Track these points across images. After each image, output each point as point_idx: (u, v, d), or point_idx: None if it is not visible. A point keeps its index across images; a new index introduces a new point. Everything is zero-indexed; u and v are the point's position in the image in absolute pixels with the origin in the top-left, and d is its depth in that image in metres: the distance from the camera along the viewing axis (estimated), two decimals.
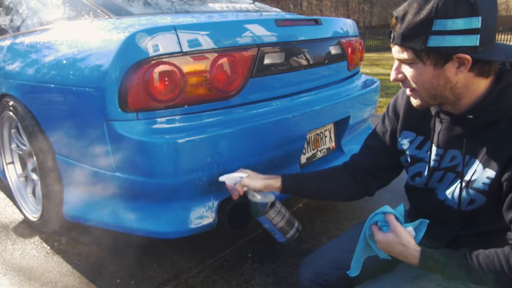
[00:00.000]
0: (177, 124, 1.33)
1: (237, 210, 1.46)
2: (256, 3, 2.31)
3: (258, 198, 1.23)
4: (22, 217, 2.04)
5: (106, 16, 1.56)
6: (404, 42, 0.88)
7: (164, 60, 1.27)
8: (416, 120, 1.09)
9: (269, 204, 1.24)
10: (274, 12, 2.15)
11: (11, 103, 1.75)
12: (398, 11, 0.89)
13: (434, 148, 1.05)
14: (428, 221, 0.96)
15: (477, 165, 0.93)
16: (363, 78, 2.26)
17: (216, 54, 1.36)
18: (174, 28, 1.29)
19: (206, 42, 1.34)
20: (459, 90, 0.90)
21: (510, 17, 31.17)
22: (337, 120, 1.86)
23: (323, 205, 2.14)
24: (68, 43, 1.51)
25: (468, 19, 0.80)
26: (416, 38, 0.85)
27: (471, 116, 0.91)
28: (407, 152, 1.13)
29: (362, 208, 2.10)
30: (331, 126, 1.88)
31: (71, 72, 1.41)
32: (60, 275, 1.61)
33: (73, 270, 1.64)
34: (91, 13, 1.62)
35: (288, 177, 1.24)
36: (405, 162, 1.15)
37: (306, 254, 1.35)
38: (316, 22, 1.78)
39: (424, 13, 0.83)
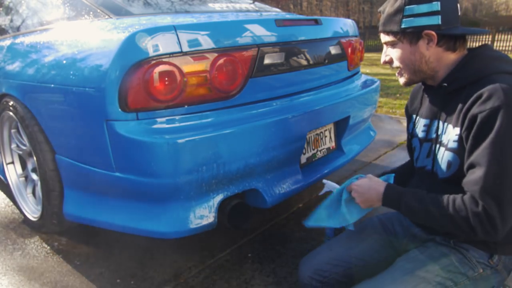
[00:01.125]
0: (177, 124, 1.33)
1: (237, 210, 1.46)
2: (256, 3, 2.31)
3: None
4: (22, 217, 2.04)
5: (106, 16, 1.56)
6: (385, 27, 1.13)
7: (164, 60, 1.27)
8: (416, 104, 1.26)
9: None
10: (274, 12, 2.15)
11: (11, 103, 1.75)
12: (382, 6, 1.16)
13: (421, 120, 1.20)
14: (394, 174, 1.25)
15: (450, 128, 1.06)
16: (363, 78, 2.26)
17: (216, 54, 1.36)
18: (174, 28, 1.29)
19: (206, 42, 1.34)
20: (433, 64, 1.10)
21: (510, 17, 31.17)
22: (337, 120, 1.86)
23: None
24: (68, 43, 1.51)
25: (429, 4, 1.04)
26: (393, 23, 1.11)
27: (445, 84, 1.08)
28: (413, 134, 1.25)
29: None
30: (331, 126, 1.88)
31: (71, 72, 1.41)
32: (60, 275, 1.61)
33: (73, 270, 1.64)
34: (91, 13, 1.62)
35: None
36: (413, 144, 1.25)
37: (306, 254, 1.35)
38: (316, 22, 1.78)
39: (397, 4, 1.09)
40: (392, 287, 1.06)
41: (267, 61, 1.51)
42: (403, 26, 1.08)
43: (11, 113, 1.78)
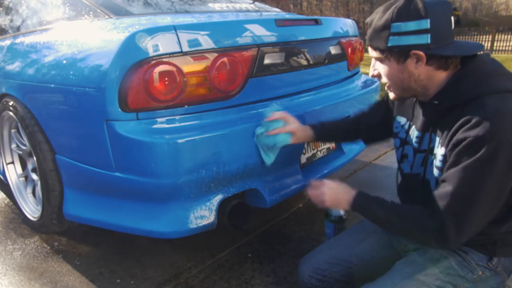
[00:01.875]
0: (177, 124, 1.33)
1: (237, 210, 1.46)
2: (256, 3, 2.31)
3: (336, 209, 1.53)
4: (22, 217, 2.04)
5: (106, 16, 1.56)
6: (372, 43, 1.06)
7: (164, 60, 1.27)
8: (407, 108, 1.23)
9: (340, 217, 1.53)
10: (274, 12, 2.15)
11: (11, 103, 1.75)
12: (368, 18, 1.09)
13: (415, 131, 1.17)
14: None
15: (439, 145, 1.06)
16: (363, 78, 2.26)
17: (216, 54, 1.36)
18: (174, 28, 1.29)
19: (206, 42, 1.34)
20: (423, 82, 1.04)
21: (510, 17, 31.16)
22: None
23: None
24: (68, 43, 1.51)
25: (418, 21, 0.97)
26: (379, 39, 1.03)
27: (436, 102, 1.05)
28: (399, 135, 1.25)
29: None
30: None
31: (71, 72, 1.41)
32: (60, 275, 1.61)
33: (73, 270, 1.64)
34: (91, 13, 1.62)
35: (315, 126, 1.47)
36: (396, 144, 1.26)
37: (306, 254, 1.35)
38: (316, 22, 1.78)
39: (384, 19, 1.01)
40: None
41: (267, 61, 1.51)
42: (389, 44, 1.01)
43: (11, 113, 1.78)
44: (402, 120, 1.26)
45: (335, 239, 1.39)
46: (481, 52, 1.04)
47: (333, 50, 1.87)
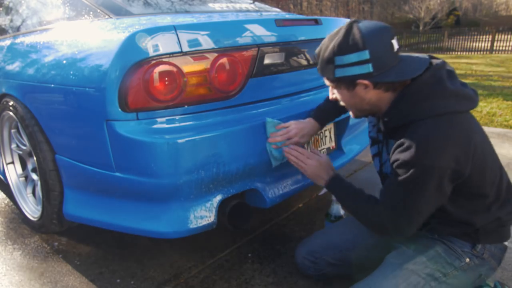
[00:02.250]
0: (177, 124, 1.33)
1: (237, 210, 1.46)
2: (256, 3, 2.31)
3: (336, 208, 1.62)
4: (22, 217, 2.04)
5: (106, 16, 1.56)
6: (322, 73, 1.16)
7: (164, 60, 1.27)
8: (375, 119, 1.33)
9: (340, 217, 1.58)
10: (274, 12, 2.15)
11: (11, 103, 1.75)
12: (317, 50, 1.17)
13: (380, 135, 1.30)
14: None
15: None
16: None
17: (216, 54, 1.36)
18: (174, 28, 1.29)
19: (206, 42, 1.34)
20: (375, 103, 1.13)
21: (510, 17, 31.16)
22: (337, 120, 1.86)
23: (323, 205, 2.14)
24: (68, 43, 1.51)
25: (357, 53, 1.04)
26: (327, 71, 1.12)
27: (386, 119, 1.14)
28: (370, 134, 1.36)
29: None
30: (331, 126, 1.88)
31: (71, 72, 1.41)
32: (60, 275, 1.61)
33: (73, 270, 1.64)
34: (91, 13, 1.62)
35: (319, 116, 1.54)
36: (369, 142, 1.38)
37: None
38: (316, 22, 1.78)
39: (328, 52, 1.10)
40: (385, 283, 1.11)
41: (267, 61, 1.51)
42: (336, 76, 1.09)
43: (11, 113, 1.78)
44: (372, 119, 1.35)
45: (331, 226, 1.50)
46: (435, 63, 1.11)
47: None
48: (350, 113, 1.24)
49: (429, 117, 1.03)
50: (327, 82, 1.19)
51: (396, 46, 1.07)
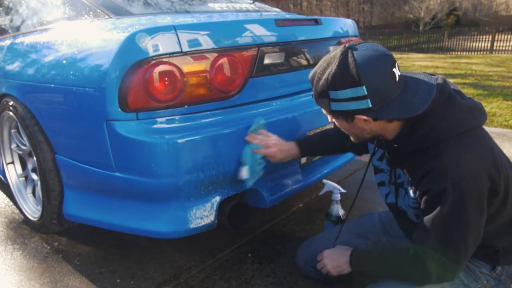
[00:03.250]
0: (177, 124, 1.33)
1: (237, 210, 1.46)
2: (256, 3, 2.31)
3: (336, 208, 1.60)
4: (22, 217, 2.04)
5: (106, 16, 1.56)
6: (317, 103, 1.05)
7: (164, 60, 1.27)
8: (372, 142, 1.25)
9: (340, 217, 1.58)
10: (274, 12, 2.15)
11: (11, 103, 1.75)
12: (310, 76, 1.06)
13: (385, 164, 1.19)
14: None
15: (410, 187, 1.07)
16: None
17: (216, 54, 1.36)
18: (174, 28, 1.29)
19: (206, 42, 1.34)
20: (377, 132, 1.04)
21: (510, 17, 31.16)
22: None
23: (323, 205, 2.14)
24: (68, 43, 1.51)
25: (353, 89, 0.93)
26: (322, 103, 1.02)
27: (396, 145, 1.05)
28: (372, 162, 1.26)
29: (362, 208, 2.10)
30: (331, 126, 1.88)
31: (71, 72, 1.41)
32: (60, 275, 1.61)
33: (73, 270, 1.64)
34: (91, 13, 1.62)
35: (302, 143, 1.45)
36: (382, 180, 1.26)
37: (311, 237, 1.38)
38: (316, 22, 1.78)
39: (320, 84, 0.99)
40: None
41: (267, 61, 1.51)
42: (332, 108, 0.99)
43: (11, 113, 1.78)
44: (371, 146, 1.28)
45: (334, 230, 1.44)
46: (437, 80, 1.01)
47: None
48: (351, 138, 1.15)
49: (451, 137, 0.96)
50: (323, 110, 1.09)
51: (397, 74, 0.96)
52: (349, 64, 0.93)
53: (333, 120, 1.09)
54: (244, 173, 1.36)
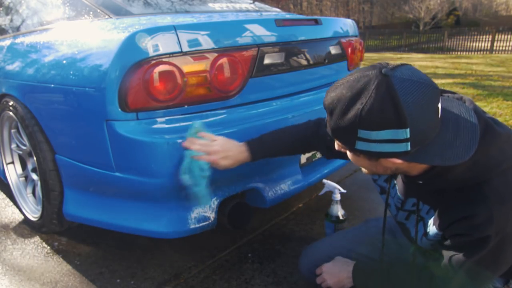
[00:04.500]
0: (177, 124, 1.33)
1: (237, 210, 1.46)
2: (256, 3, 2.31)
3: (336, 208, 1.58)
4: (22, 217, 2.04)
5: (106, 16, 1.56)
6: (335, 137, 0.87)
7: (164, 60, 1.27)
8: None
9: (340, 217, 1.56)
10: (274, 12, 2.15)
11: (11, 103, 1.75)
12: (328, 102, 0.85)
13: (396, 192, 1.09)
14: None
15: (431, 222, 0.98)
16: None
17: (216, 54, 1.36)
18: (174, 28, 1.29)
19: (206, 42, 1.34)
20: (402, 170, 0.90)
21: (510, 17, 31.16)
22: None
23: (323, 205, 2.14)
24: (68, 43, 1.51)
25: (394, 131, 0.75)
26: (344, 139, 0.84)
27: (421, 182, 0.92)
28: (377, 182, 1.17)
29: (362, 208, 2.10)
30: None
31: (71, 72, 1.41)
32: (60, 275, 1.61)
33: (73, 270, 1.64)
34: (91, 13, 1.62)
35: (254, 147, 1.26)
36: (377, 189, 1.20)
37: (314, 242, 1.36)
38: (316, 22, 1.78)
39: (348, 118, 0.79)
40: None
41: (267, 61, 1.51)
42: (358, 147, 0.81)
43: (11, 113, 1.78)
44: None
45: (339, 237, 1.39)
46: (470, 106, 0.88)
47: (333, 50, 1.87)
48: (362, 170, 0.98)
49: (493, 176, 0.85)
50: (336, 144, 0.92)
51: (440, 109, 0.80)
52: (390, 98, 0.74)
53: (343, 150, 0.91)
54: (187, 182, 1.21)
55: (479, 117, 0.86)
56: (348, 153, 0.91)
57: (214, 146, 1.22)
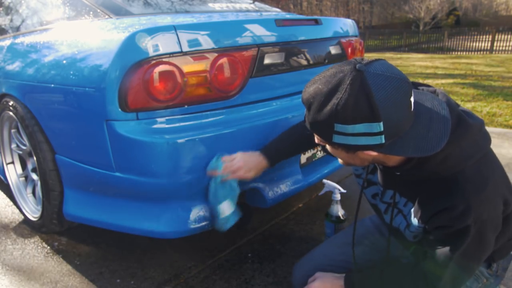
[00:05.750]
0: (177, 124, 1.33)
1: None
2: (256, 3, 2.31)
3: (336, 208, 1.57)
4: (22, 217, 2.04)
5: (106, 16, 1.56)
6: (313, 131, 0.90)
7: (164, 60, 1.27)
8: None
9: (340, 217, 1.56)
10: (274, 12, 2.15)
11: (11, 103, 1.75)
12: (306, 97, 0.89)
13: (374, 182, 1.12)
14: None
15: (412, 211, 0.99)
16: None
17: (216, 54, 1.36)
18: (174, 28, 1.29)
19: (206, 42, 1.34)
20: (379, 161, 0.93)
21: (510, 17, 31.17)
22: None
23: (323, 205, 2.14)
24: (68, 43, 1.51)
25: (368, 124, 0.78)
26: (321, 133, 0.87)
27: (398, 173, 0.95)
28: (362, 177, 1.17)
29: (362, 208, 2.09)
30: None
31: (71, 72, 1.41)
32: (60, 275, 1.61)
33: (73, 270, 1.64)
34: (91, 13, 1.62)
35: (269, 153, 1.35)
36: (359, 182, 1.20)
37: (306, 254, 1.35)
38: (316, 22, 1.78)
39: (325, 113, 0.81)
40: None
41: (267, 61, 1.51)
42: (335, 141, 0.84)
43: (11, 113, 1.78)
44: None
45: (330, 244, 1.36)
46: (442, 99, 0.91)
47: (333, 50, 1.87)
48: (339, 160, 1.01)
49: (467, 165, 0.87)
50: (316, 138, 0.95)
51: (413, 102, 0.83)
52: (364, 93, 0.77)
53: (322, 143, 0.95)
54: (226, 210, 1.30)
55: (452, 109, 0.88)
56: (327, 146, 0.94)
57: (235, 164, 1.30)
